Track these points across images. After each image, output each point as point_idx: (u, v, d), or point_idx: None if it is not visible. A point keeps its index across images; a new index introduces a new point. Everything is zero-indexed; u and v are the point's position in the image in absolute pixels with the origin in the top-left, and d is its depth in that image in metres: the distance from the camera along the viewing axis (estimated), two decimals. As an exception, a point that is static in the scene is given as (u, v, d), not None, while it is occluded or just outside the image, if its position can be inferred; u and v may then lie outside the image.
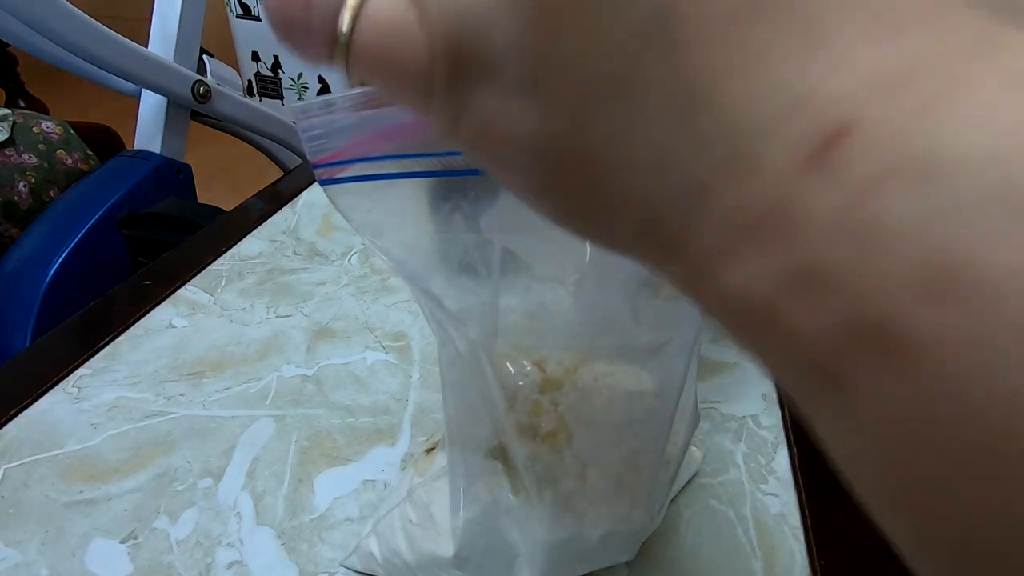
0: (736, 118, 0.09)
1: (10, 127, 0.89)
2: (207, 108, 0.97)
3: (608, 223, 0.12)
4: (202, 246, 0.59)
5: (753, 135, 0.09)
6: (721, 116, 0.09)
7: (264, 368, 0.44)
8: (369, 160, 0.19)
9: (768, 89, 0.09)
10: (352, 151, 0.19)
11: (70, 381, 0.43)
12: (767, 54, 0.09)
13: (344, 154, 0.19)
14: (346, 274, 0.55)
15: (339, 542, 0.33)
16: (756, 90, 0.09)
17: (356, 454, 0.38)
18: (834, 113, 0.08)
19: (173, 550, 0.32)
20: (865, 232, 0.08)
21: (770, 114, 0.09)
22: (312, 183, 0.70)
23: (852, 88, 0.08)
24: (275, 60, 2.45)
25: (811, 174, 0.08)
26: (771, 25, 0.09)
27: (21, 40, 0.90)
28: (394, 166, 0.18)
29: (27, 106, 1.70)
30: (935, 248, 0.07)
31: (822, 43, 0.08)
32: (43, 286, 0.81)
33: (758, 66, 0.09)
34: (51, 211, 0.89)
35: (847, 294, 0.08)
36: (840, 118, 0.08)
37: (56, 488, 0.35)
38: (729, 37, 0.09)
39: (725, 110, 0.09)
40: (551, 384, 0.26)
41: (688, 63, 0.09)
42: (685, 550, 0.33)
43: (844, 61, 0.08)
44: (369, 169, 0.19)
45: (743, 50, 0.09)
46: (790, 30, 0.09)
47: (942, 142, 0.07)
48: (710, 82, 0.09)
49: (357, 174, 0.19)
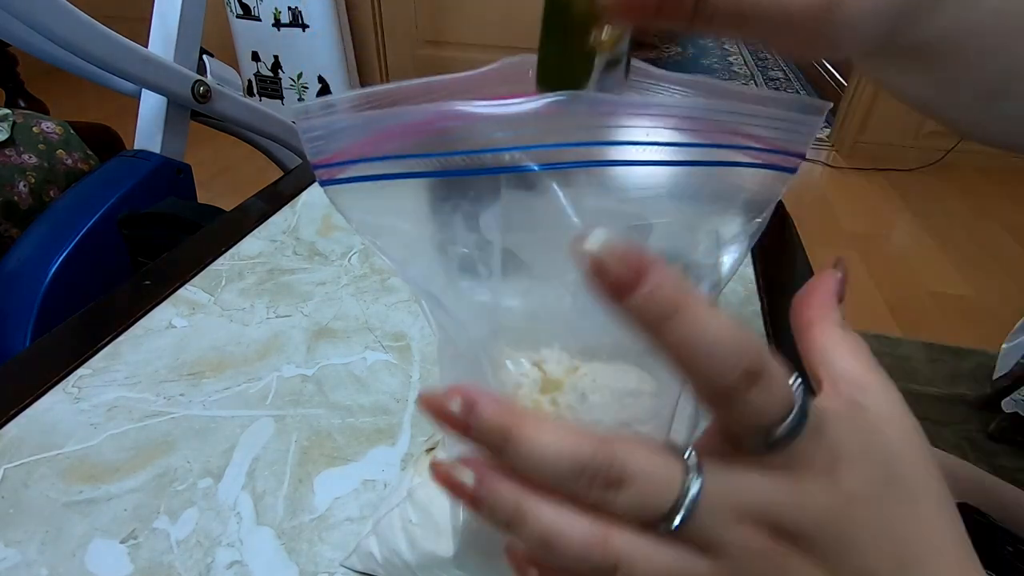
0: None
1: (10, 127, 0.89)
2: (207, 108, 0.97)
3: None
4: (202, 246, 0.59)
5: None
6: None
7: (264, 368, 0.44)
8: (369, 161, 0.19)
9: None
10: (352, 152, 0.19)
11: (70, 381, 0.43)
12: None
13: (344, 155, 0.19)
14: (346, 274, 0.55)
15: (339, 542, 0.33)
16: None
17: (356, 454, 0.38)
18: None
19: (173, 550, 0.32)
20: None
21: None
22: (312, 183, 0.70)
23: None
24: (275, 60, 2.45)
25: None
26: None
27: (21, 40, 0.90)
28: (394, 166, 0.19)
29: (27, 106, 1.69)
30: None
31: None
32: (43, 286, 0.81)
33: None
34: (51, 211, 0.89)
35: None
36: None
37: (56, 488, 0.35)
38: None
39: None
40: (551, 384, 0.26)
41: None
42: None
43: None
44: (369, 169, 0.19)
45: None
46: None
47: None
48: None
49: (357, 174, 0.19)
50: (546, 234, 0.21)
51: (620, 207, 0.20)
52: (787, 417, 0.16)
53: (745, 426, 0.16)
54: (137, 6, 1.40)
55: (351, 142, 0.18)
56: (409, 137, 0.18)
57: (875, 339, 1.48)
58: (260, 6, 2.33)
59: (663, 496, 0.16)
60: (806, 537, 0.17)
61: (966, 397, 1.32)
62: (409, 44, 2.72)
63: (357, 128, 0.18)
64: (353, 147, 0.19)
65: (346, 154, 0.19)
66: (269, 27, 2.36)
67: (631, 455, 0.16)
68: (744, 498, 0.16)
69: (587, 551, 0.16)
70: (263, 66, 2.49)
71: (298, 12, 2.31)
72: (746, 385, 0.15)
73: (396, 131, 0.18)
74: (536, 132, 0.18)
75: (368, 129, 0.18)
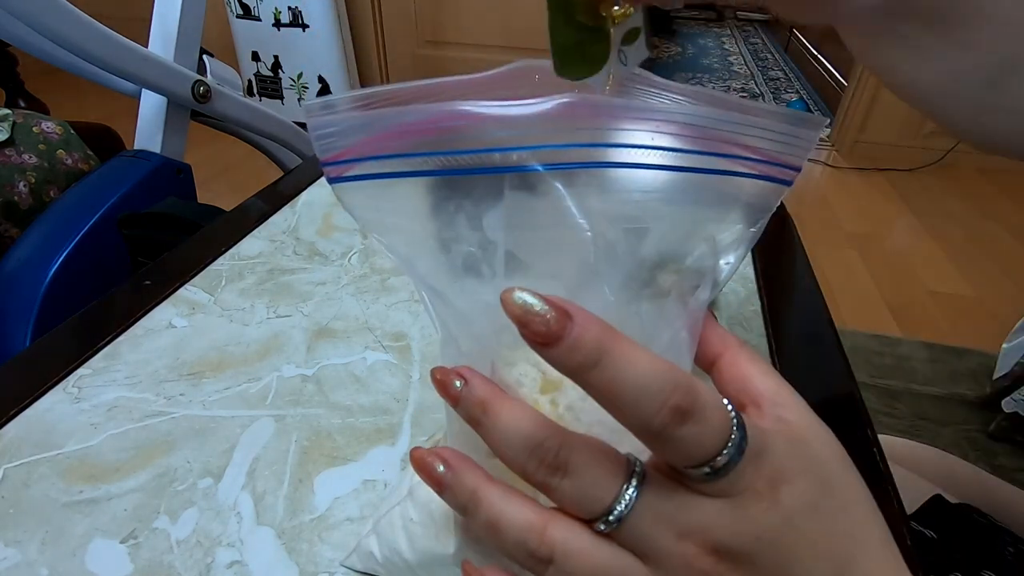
0: None
1: (10, 127, 0.89)
2: (207, 108, 0.97)
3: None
4: (202, 246, 0.59)
5: None
6: None
7: (264, 368, 0.44)
8: (376, 159, 0.19)
9: None
10: (359, 150, 0.19)
11: (70, 381, 0.43)
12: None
13: (351, 152, 0.19)
14: (346, 274, 0.55)
15: (339, 542, 0.33)
16: None
17: (356, 454, 0.38)
18: None
19: (173, 550, 0.32)
20: None
21: None
22: (312, 183, 0.70)
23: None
24: (275, 60, 2.45)
25: None
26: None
27: (21, 40, 0.90)
28: (400, 165, 0.19)
29: (27, 106, 1.69)
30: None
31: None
32: (43, 286, 0.81)
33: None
34: (51, 211, 0.89)
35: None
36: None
37: (56, 488, 0.35)
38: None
39: None
40: (551, 384, 0.26)
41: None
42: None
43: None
44: (376, 168, 0.19)
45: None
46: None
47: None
48: None
49: (364, 172, 0.19)
50: (548, 234, 0.21)
51: (621, 209, 0.20)
52: (726, 446, 0.16)
53: (683, 461, 0.17)
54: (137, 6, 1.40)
55: (358, 140, 0.19)
56: (415, 136, 0.18)
57: (875, 339, 1.48)
58: (260, 6, 2.33)
59: (600, 494, 0.17)
60: (747, 556, 0.17)
61: (966, 397, 1.32)
62: (409, 44, 2.72)
63: (364, 126, 0.18)
64: (360, 145, 0.19)
65: (353, 152, 0.19)
66: (269, 27, 2.36)
67: (580, 450, 0.17)
68: (683, 517, 0.17)
69: (524, 536, 0.18)
70: (263, 66, 2.49)
71: (298, 12, 2.31)
72: (677, 422, 0.16)
73: (402, 129, 0.18)
74: (541, 133, 0.18)
75: (375, 127, 0.18)
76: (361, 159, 0.19)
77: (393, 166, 0.19)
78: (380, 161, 0.19)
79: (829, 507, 0.18)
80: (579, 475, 0.17)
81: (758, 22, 4.30)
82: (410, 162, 0.19)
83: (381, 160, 0.19)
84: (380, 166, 0.19)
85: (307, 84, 2.48)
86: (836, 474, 0.19)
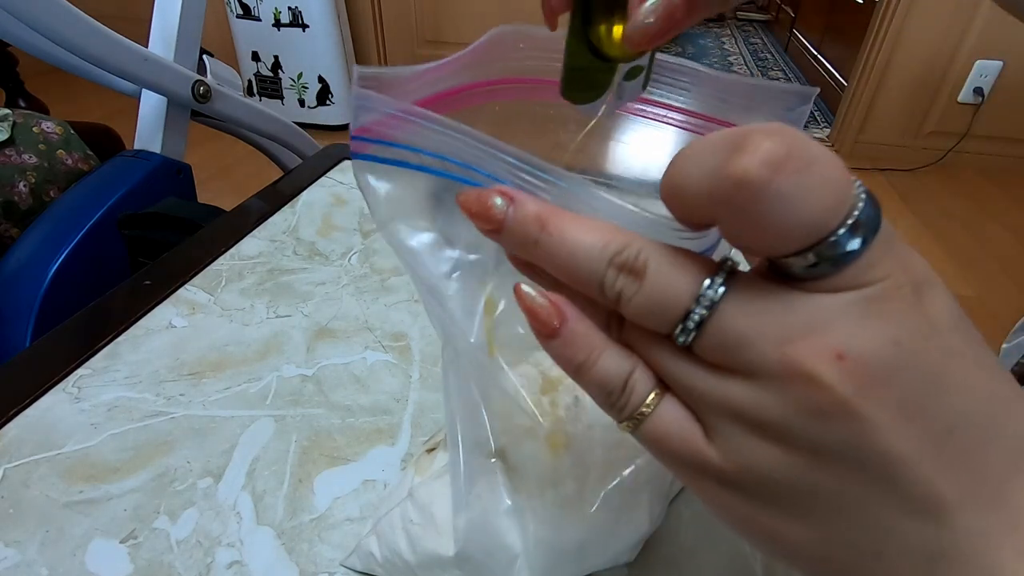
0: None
1: (10, 127, 0.89)
2: (207, 108, 0.97)
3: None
4: (202, 246, 0.59)
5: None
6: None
7: (264, 368, 0.44)
8: (395, 146, 0.19)
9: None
10: (381, 130, 0.19)
11: (70, 381, 0.43)
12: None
13: (374, 131, 0.19)
14: (346, 274, 0.55)
15: (339, 542, 0.33)
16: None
17: (356, 454, 0.38)
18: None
19: (173, 550, 0.32)
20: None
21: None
22: (312, 183, 0.70)
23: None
24: (275, 60, 2.45)
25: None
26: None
27: (21, 40, 0.90)
28: (414, 158, 0.19)
29: (27, 106, 1.69)
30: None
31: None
32: (43, 286, 0.81)
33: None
34: (51, 211, 0.89)
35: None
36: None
37: (56, 488, 0.35)
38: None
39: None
40: (550, 384, 0.26)
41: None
42: (684, 550, 0.33)
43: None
44: (393, 154, 0.19)
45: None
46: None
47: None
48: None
49: (380, 155, 0.19)
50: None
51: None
52: (851, 214, 0.12)
53: (782, 234, 0.12)
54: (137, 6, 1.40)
55: (387, 115, 0.18)
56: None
57: (875, 339, 1.48)
58: (260, 6, 2.33)
59: (678, 293, 0.14)
60: (883, 367, 0.12)
61: (966, 397, 1.32)
62: (409, 44, 2.72)
63: (393, 106, 0.18)
64: (383, 124, 0.18)
65: (375, 131, 0.19)
66: (269, 27, 2.36)
67: (660, 250, 0.15)
68: (791, 317, 0.13)
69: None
70: (263, 66, 2.49)
71: (298, 12, 2.31)
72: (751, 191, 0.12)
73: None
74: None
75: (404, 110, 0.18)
76: (378, 141, 0.19)
77: (407, 156, 0.19)
78: (397, 149, 0.19)
79: (973, 335, 0.14)
80: (657, 275, 0.14)
81: (758, 22, 4.30)
82: (421, 158, 0.18)
83: (398, 148, 0.19)
84: (393, 153, 0.19)
85: (307, 84, 2.48)
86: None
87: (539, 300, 0.16)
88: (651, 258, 0.14)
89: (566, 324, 0.16)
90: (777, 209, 0.12)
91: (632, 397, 0.16)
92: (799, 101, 0.22)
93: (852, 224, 0.12)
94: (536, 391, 0.25)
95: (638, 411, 0.16)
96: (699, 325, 0.14)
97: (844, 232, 0.12)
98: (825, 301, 0.13)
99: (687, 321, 0.14)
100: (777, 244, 0.13)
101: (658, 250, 0.15)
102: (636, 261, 0.14)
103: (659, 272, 0.14)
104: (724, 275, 0.14)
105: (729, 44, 3.76)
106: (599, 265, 0.15)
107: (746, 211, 0.12)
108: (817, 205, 0.12)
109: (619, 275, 0.15)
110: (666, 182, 0.14)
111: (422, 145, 0.18)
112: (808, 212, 0.12)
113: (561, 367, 0.16)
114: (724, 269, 0.14)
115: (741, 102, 0.23)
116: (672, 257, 0.15)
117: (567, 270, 0.15)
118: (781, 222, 0.12)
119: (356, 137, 0.19)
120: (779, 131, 0.12)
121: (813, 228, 0.12)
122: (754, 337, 0.13)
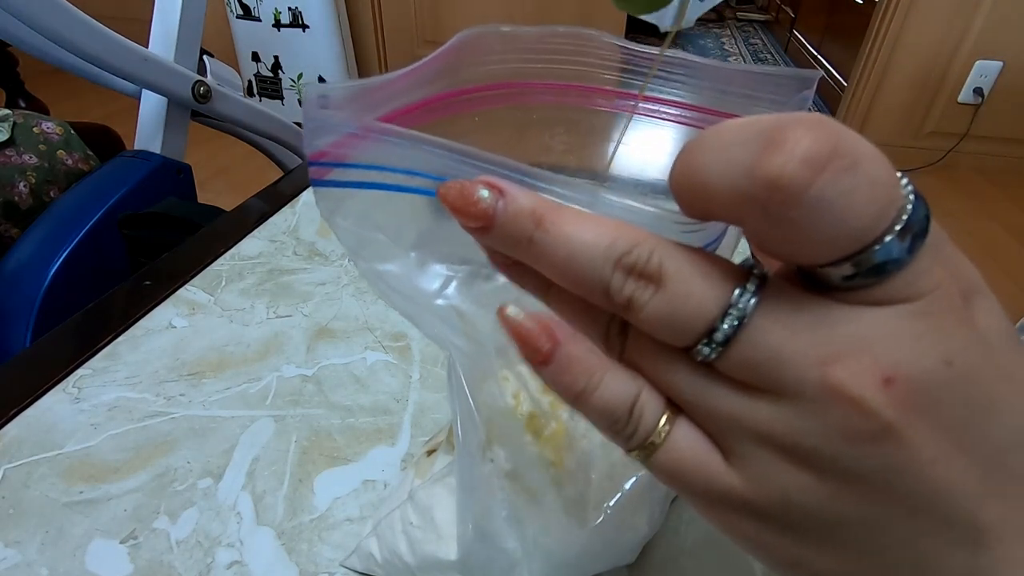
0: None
1: (10, 127, 0.89)
2: (207, 108, 0.97)
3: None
4: (202, 246, 0.59)
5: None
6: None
7: (264, 368, 0.44)
8: (357, 167, 0.17)
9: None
10: (340, 152, 0.17)
11: (70, 381, 0.43)
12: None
13: (331, 154, 0.17)
14: (346, 274, 0.55)
15: (339, 542, 0.33)
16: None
17: (356, 454, 0.38)
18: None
19: (173, 550, 0.32)
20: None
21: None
22: (312, 183, 0.70)
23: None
24: (275, 60, 2.45)
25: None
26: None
27: (21, 40, 0.90)
28: (381, 177, 0.17)
29: (27, 106, 1.69)
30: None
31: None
32: (43, 286, 0.81)
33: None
34: (51, 211, 0.89)
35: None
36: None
37: (56, 488, 0.35)
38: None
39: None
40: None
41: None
42: (685, 552, 0.33)
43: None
44: (357, 176, 0.17)
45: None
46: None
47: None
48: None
49: (342, 179, 0.18)
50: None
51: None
52: (899, 218, 0.11)
53: (821, 242, 0.11)
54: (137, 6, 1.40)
55: (342, 138, 0.17)
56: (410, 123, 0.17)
57: (875, 339, 1.48)
58: (260, 6, 2.33)
59: (703, 303, 0.12)
60: (933, 390, 0.11)
61: (966, 397, 1.32)
62: (409, 43, 2.72)
63: (350, 121, 0.16)
64: (341, 146, 0.17)
65: (334, 154, 0.17)
66: (269, 27, 2.36)
67: (677, 253, 0.13)
68: (831, 332, 0.12)
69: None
70: (263, 66, 2.49)
71: (298, 12, 2.31)
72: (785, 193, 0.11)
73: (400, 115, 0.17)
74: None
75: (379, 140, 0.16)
76: (341, 164, 0.17)
77: (373, 177, 0.17)
78: (360, 170, 0.17)
79: (1021, 348, 0.12)
80: (676, 283, 0.12)
81: (758, 22, 4.30)
82: (395, 177, 0.17)
83: (362, 170, 0.17)
84: (361, 175, 0.17)
85: (307, 84, 2.48)
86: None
87: (527, 323, 0.14)
88: (667, 261, 0.13)
89: (559, 348, 0.14)
90: (817, 216, 0.10)
91: (641, 424, 0.14)
92: (802, 86, 0.22)
93: (900, 230, 0.11)
94: (537, 391, 0.25)
95: (648, 440, 0.14)
96: (727, 339, 0.12)
97: (891, 239, 0.11)
98: (868, 315, 0.12)
99: (714, 335, 0.12)
100: (814, 254, 0.11)
101: (674, 251, 0.13)
102: (648, 264, 0.13)
103: (679, 278, 0.12)
104: (756, 283, 0.12)
105: (729, 44, 3.76)
106: (604, 267, 0.13)
107: (780, 216, 0.11)
108: (863, 211, 0.10)
109: (627, 279, 0.13)
110: (681, 173, 0.12)
111: (388, 162, 0.16)
112: (853, 219, 0.10)
113: (558, 395, 0.15)
114: (755, 276, 0.13)
115: (742, 91, 0.23)
116: (692, 260, 0.13)
117: (566, 273, 0.13)
118: (821, 230, 0.11)
119: (313, 163, 0.17)
120: (820, 123, 0.10)
121: (857, 236, 0.11)
122: (789, 354, 0.12)
